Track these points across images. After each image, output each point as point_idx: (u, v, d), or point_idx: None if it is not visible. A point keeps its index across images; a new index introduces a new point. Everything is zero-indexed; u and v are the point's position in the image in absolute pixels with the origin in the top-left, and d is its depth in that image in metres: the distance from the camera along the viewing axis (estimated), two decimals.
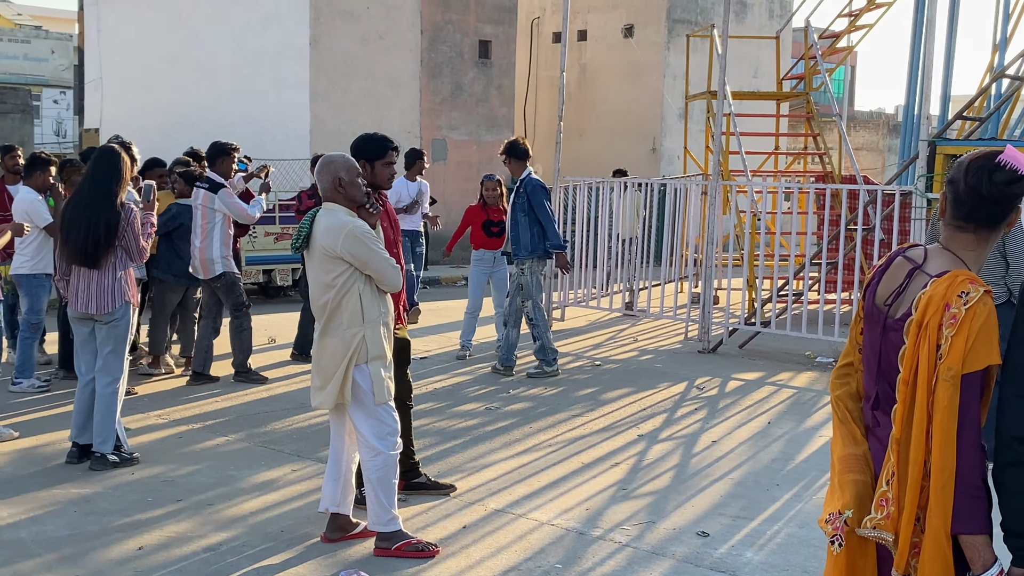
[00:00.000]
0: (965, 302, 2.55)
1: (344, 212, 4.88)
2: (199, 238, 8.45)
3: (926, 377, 2.58)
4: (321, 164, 4.97)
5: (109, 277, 6.16)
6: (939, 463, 2.53)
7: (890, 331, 2.75)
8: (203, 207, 8.42)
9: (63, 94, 30.57)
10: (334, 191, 4.91)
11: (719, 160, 11.03)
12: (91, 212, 6.09)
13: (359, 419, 4.89)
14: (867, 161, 28.63)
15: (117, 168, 6.18)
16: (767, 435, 7.45)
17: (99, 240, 6.07)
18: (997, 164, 2.63)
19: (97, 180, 6.17)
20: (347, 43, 18.00)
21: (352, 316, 4.81)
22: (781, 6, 25.83)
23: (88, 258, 6.11)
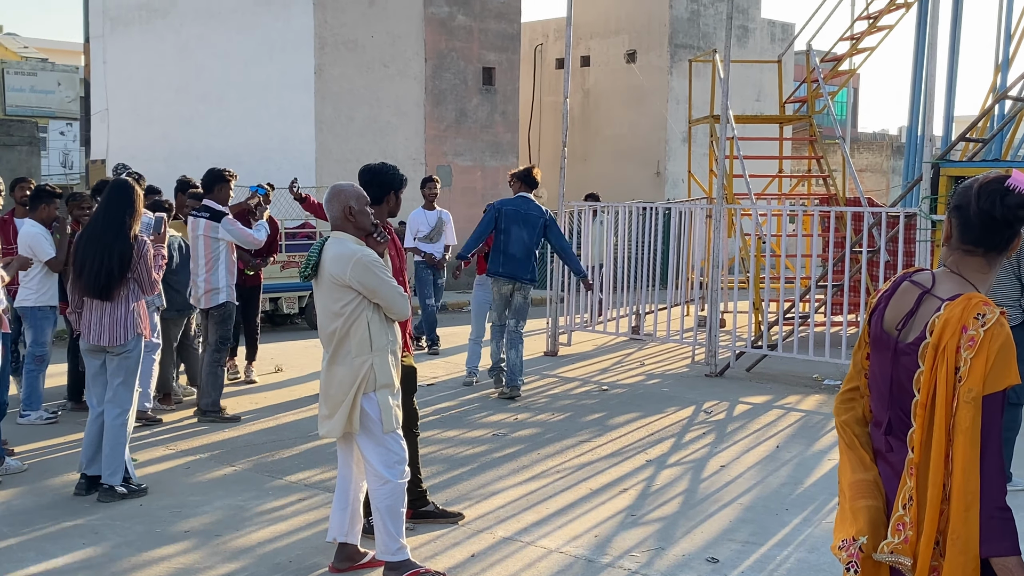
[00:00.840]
0: (983, 323, 2.55)
1: (352, 241, 4.88)
2: (203, 268, 8.30)
3: (944, 400, 2.57)
4: (331, 193, 4.97)
5: (122, 309, 6.16)
6: (962, 485, 2.50)
7: (902, 356, 2.73)
8: (205, 236, 8.27)
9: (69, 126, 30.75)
10: (344, 220, 4.91)
11: (723, 183, 11.03)
12: (104, 244, 6.09)
13: (367, 447, 4.87)
14: (871, 183, 28.64)
15: (131, 201, 6.20)
16: (776, 459, 7.40)
17: (112, 272, 6.07)
18: (1008, 188, 2.63)
19: (111, 213, 6.18)
20: (352, 72, 18.08)
21: (360, 344, 4.80)
22: (783, 30, 25.92)
23: (101, 290, 6.10)
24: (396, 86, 18.74)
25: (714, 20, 24.08)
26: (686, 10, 23.66)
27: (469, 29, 19.80)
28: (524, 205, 9.40)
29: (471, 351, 10.15)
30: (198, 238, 8.31)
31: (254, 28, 18.40)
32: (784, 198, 14.55)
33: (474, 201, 19.75)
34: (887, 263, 10.53)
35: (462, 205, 19.36)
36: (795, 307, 10.62)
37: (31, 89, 31.59)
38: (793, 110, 15.72)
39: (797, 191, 15.61)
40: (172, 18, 20.05)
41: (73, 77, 31.54)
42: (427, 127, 19.28)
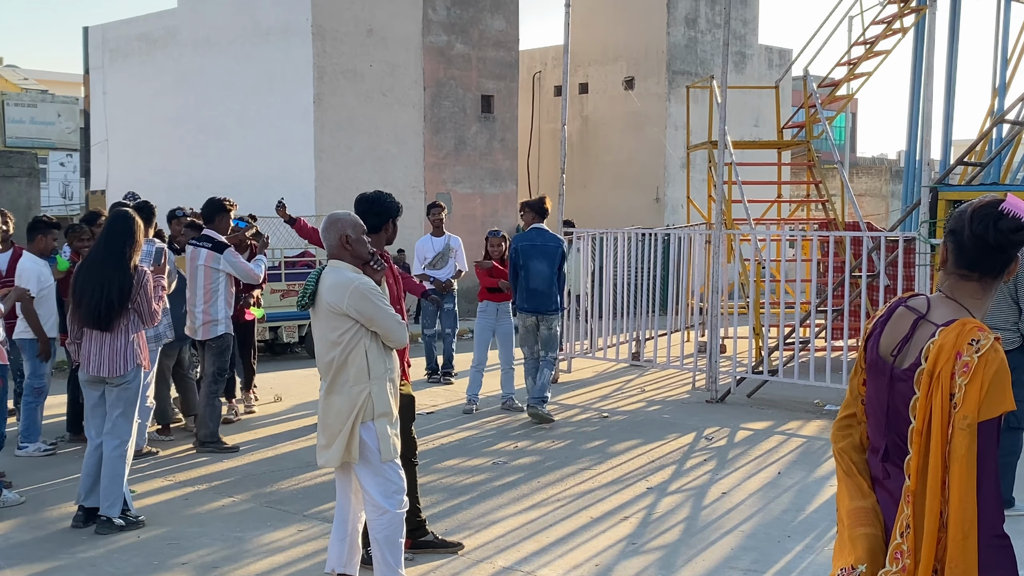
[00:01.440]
0: (976, 350, 2.54)
1: (349, 269, 4.89)
2: (202, 299, 8.27)
3: (940, 427, 2.56)
4: (328, 222, 4.98)
5: (121, 340, 6.16)
6: (959, 513, 2.49)
7: (898, 381, 2.72)
8: (206, 267, 8.24)
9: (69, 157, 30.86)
10: (340, 248, 4.92)
11: (722, 209, 11.05)
12: (104, 275, 6.09)
13: (365, 477, 4.85)
14: (870, 207, 28.69)
15: (131, 231, 6.19)
16: (777, 485, 7.37)
17: (112, 303, 6.06)
18: (1001, 212, 2.62)
19: (111, 243, 6.18)
20: (351, 101, 18.17)
21: (358, 373, 4.79)
22: (780, 56, 26.05)
23: (101, 321, 6.10)
24: (395, 114, 18.83)
25: (711, 46, 24.21)
26: (683, 37, 23.79)
27: (467, 57, 19.91)
28: (540, 237, 9.47)
29: (472, 379, 10.14)
30: (198, 268, 8.25)
31: (253, 58, 18.51)
32: (783, 223, 14.57)
33: (474, 228, 19.79)
34: (887, 287, 10.53)
35: (462, 232, 19.33)
36: (795, 332, 10.61)
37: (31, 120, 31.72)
38: (791, 135, 15.78)
39: (796, 216, 15.64)
40: (171, 49, 20.18)
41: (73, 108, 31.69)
42: (426, 155, 19.35)
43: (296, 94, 17.87)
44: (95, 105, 22.22)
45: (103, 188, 21.51)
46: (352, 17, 18.15)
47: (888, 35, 15.20)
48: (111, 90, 21.62)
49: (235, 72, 18.83)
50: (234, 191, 16.86)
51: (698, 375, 11.47)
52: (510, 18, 20.61)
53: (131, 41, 21.16)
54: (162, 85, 20.28)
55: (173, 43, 20.16)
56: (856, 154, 39.88)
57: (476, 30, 20.04)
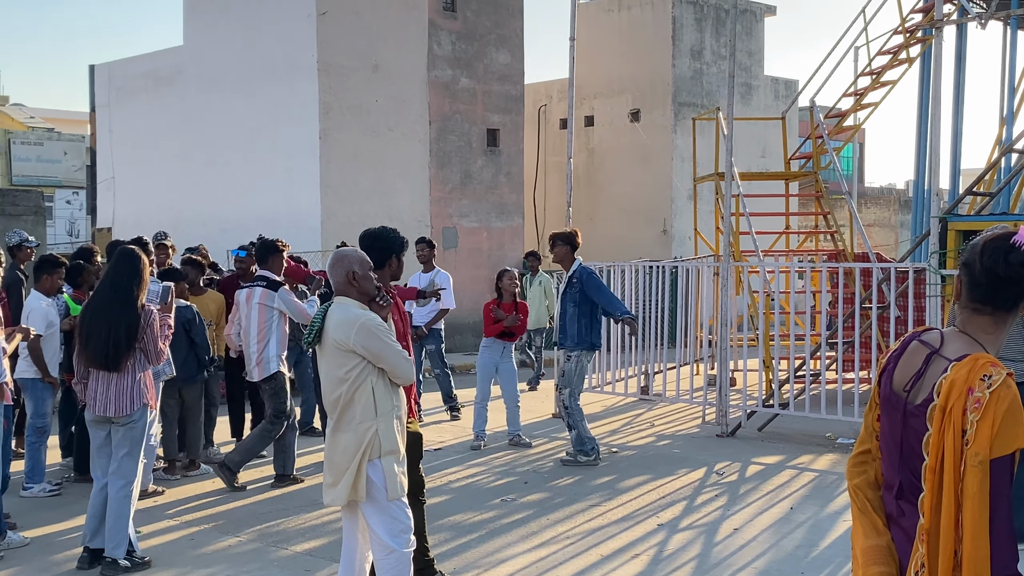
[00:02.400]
0: (988, 385, 2.51)
1: (356, 305, 4.88)
2: (256, 338, 8.20)
3: (953, 464, 2.53)
4: (334, 259, 4.99)
5: (128, 379, 6.14)
6: (971, 552, 2.46)
7: (911, 417, 2.70)
8: (261, 305, 8.18)
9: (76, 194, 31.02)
10: (347, 285, 4.92)
11: (730, 241, 11.05)
12: (111, 315, 6.07)
13: (372, 516, 4.82)
14: (880, 237, 28.68)
15: (137, 269, 6.17)
16: (790, 521, 7.32)
17: (120, 343, 6.05)
18: (1012, 245, 2.61)
19: (117, 282, 6.16)
20: (356, 136, 18.26)
21: (365, 410, 4.77)
22: (786, 87, 26.14)
23: (108, 361, 6.08)
24: (401, 149, 18.91)
25: (717, 78, 24.30)
26: (689, 68, 23.90)
27: (473, 91, 20.01)
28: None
29: (477, 414, 10.11)
30: (253, 307, 8.21)
31: (259, 95, 18.63)
32: (792, 254, 14.57)
33: (480, 262, 19.82)
34: (897, 319, 10.50)
35: (469, 266, 19.44)
36: (806, 364, 10.57)
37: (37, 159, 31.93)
38: (799, 166, 15.80)
39: (805, 247, 15.63)
40: (177, 86, 20.32)
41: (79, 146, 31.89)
42: (432, 189, 19.41)
43: (302, 130, 17.97)
44: (101, 143, 22.36)
45: (109, 225, 21.60)
46: (358, 53, 18.27)
47: (894, 65, 15.26)
48: (117, 128, 21.77)
49: (241, 109, 18.95)
50: (241, 227, 16.95)
51: (708, 409, 11.42)
52: (515, 52, 20.73)
53: (137, 79, 21.32)
54: (168, 122, 20.42)
55: (179, 80, 20.30)
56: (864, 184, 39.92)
57: (481, 64, 20.16)
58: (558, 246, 9.36)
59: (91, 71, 22.64)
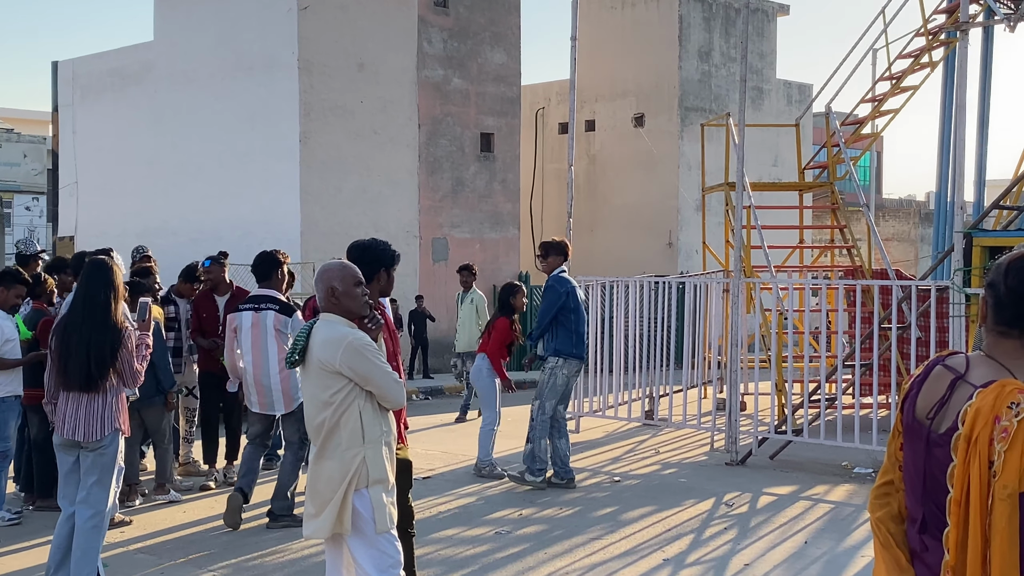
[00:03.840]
0: (1016, 414, 2.53)
1: (343, 323, 4.89)
2: (277, 369, 7.99)
3: (979, 497, 2.55)
4: (318, 273, 5.03)
5: (99, 402, 6.11)
6: None
7: (934, 447, 2.73)
8: (276, 330, 7.93)
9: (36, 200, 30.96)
10: (327, 302, 4.95)
11: (740, 255, 11.12)
12: (89, 333, 6.02)
13: (358, 549, 4.84)
14: (898, 252, 28.81)
15: (110, 281, 6.15)
16: (804, 556, 7.36)
17: (103, 362, 6.01)
18: None
19: (91, 296, 6.12)
20: (340, 139, 18.33)
21: (352, 436, 4.78)
22: (800, 92, 26.30)
23: (91, 382, 6.03)
24: (388, 154, 18.98)
25: (726, 81, 24.46)
26: (696, 71, 24.05)
27: (466, 93, 20.12)
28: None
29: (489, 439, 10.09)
30: (267, 333, 7.95)
31: (235, 94, 18.70)
32: (806, 270, 14.65)
33: None
34: (919, 340, 10.56)
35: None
36: (821, 388, 10.62)
37: None
38: (813, 176, 15.90)
39: (820, 263, 15.72)
40: (146, 84, 20.39)
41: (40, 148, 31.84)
42: (421, 197, 19.48)
43: (281, 132, 18.03)
44: (64, 145, 22.40)
45: (71, 234, 21.62)
46: (342, 50, 18.37)
47: (916, 70, 15.37)
48: (81, 129, 21.81)
49: (215, 109, 19.01)
50: (213, 237, 16.99)
51: (716, 435, 11.47)
52: (511, 51, 20.86)
53: (103, 76, 21.39)
54: (136, 123, 20.47)
55: (149, 78, 20.37)
56: (882, 196, 40.11)
57: (475, 64, 20.28)
58: (552, 257, 9.44)
59: (54, 68, 22.70)
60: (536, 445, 9.32)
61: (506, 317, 10.19)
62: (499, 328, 10.18)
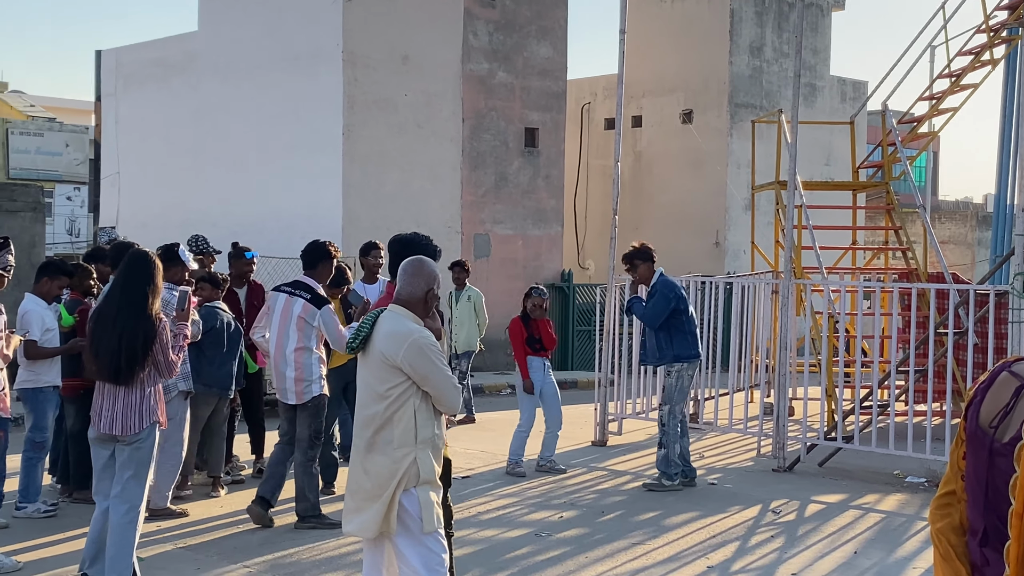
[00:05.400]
0: None
1: (411, 318, 4.87)
2: (292, 358, 7.96)
3: None
4: (415, 267, 4.97)
5: (136, 395, 6.11)
6: None
7: (997, 456, 2.68)
8: (302, 320, 7.93)
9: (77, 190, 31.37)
10: (421, 301, 4.91)
11: (791, 256, 11.01)
12: (124, 324, 6.02)
13: (407, 548, 4.78)
14: (954, 256, 28.46)
15: (150, 273, 6.16)
16: (854, 567, 7.28)
17: (135, 355, 6.01)
18: None
19: (129, 287, 6.13)
20: (383, 133, 18.37)
21: (404, 434, 4.75)
22: (854, 89, 26.04)
23: (121, 375, 6.04)
24: (431, 148, 19.00)
25: (778, 77, 24.27)
26: (747, 67, 23.87)
27: (511, 87, 20.09)
28: None
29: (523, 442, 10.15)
30: (292, 320, 7.94)
31: (278, 86, 18.79)
32: (859, 272, 14.49)
33: (515, 273, 19.84)
34: (975, 346, 10.41)
35: (501, 277, 19.47)
36: (873, 394, 10.50)
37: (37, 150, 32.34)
38: (867, 176, 15.73)
39: (873, 265, 15.55)
40: (190, 75, 20.55)
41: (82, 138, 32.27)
42: (464, 192, 19.48)
43: (324, 125, 18.10)
44: (106, 135, 22.63)
45: (113, 224, 21.85)
46: (386, 43, 18.40)
47: (976, 67, 15.16)
48: (124, 119, 22.03)
49: (258, 100, 19.12)
50: (254, 230, 17.08)
51: (763, 440, 11.37)
52: (557, 45, 20.81)
53: (147, 66, 21.58)
54: (179, 114, 20.63)
55: (192, 69, 20.53)
56: (937, 197, 39.68)
57: (520, 57, 20.25)
58: (642, 265, 9.75)
59: (97, 57, 22.94)
60: (670, 450, 9.53)
61: (517, 318, 10.35)
62: (511, 330, 10.38)
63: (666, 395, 9.64)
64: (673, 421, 9.57)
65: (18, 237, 16.52)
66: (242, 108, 19.40)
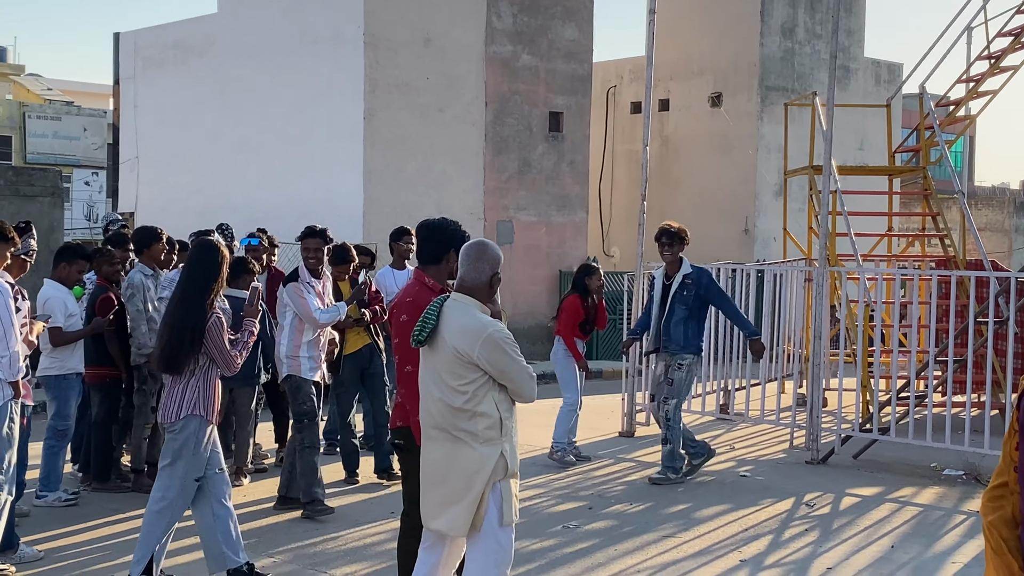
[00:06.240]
0: None
1: (478, 309, 4.80)
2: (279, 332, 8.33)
3: None
4: (478, 250, 4.90)
5: (181, 384, 6.15)
6: None
7: None
8: (279, 299, 8.32)
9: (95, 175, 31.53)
10: (486, 286, 4.86)
11: (825, 243, 10.94)
12: (176, 313, 6.13)
13: (478, 540, 4.73)
14: (991, 243, 28.26)
15: (214, 265, 6.19)
16: (890, 561, 7.23)
17: (181, 344, 6.07)
18: None
19: (191, 277, 6.22)
20: (404, 117, 18.35)
21: (490, 428, 4.70)
22: (889, 71, 25.84)
23: (169, 364, 6.12)
24: (453, 133, 18.97)
25: (810, 59, 24.10)
26: (779, 48, 23.72)
27: (535, 70, 20.02)
28: None
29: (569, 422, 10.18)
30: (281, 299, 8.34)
31: (299, 70, 18.79)
32: (895, 260, 14.39)
33: (538, 261, 19.81)
34: (1016, 336, 10.32)
35: (525, 265, 19.44)
36: (910, 385, 10.43)
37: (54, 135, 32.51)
38: (902, 161, 15.61)
39: (909, 252, 15.44)
40: (209, 58, 20.58)
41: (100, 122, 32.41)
42: (487, 178, 19.45)
43: (345, 109, 18.09)
44: (125, 119, 22.70)
45: (131, 210, 21.92)
46: (408, 25, 18.37)
47: (1016, 48, 14.99)
48: (143, 103, 22.09)
49: (279, 84, 19.13)
50: (274, 215, 17.10)
51: (796, 432, 11.31)
52: (583, 27, 20.71)
53: (166, 49, 21.63)
54: (199, 97, 20.67)
55: (212, 52, 20.55)
56: (973, 183, 39.38)
57: (545, 40, 20.17)
58: (677, 245, 9.50)
59: (115, 40, 22.99)
60: (676, 444, 9.44)
61: (578, 295, 10.16)
62: (569, 308, 10.15)
63: (675, 388, 9.38)
64: (679, 415, 9.44)
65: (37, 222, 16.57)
66: (262, 92, 19.42)
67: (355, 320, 9.10)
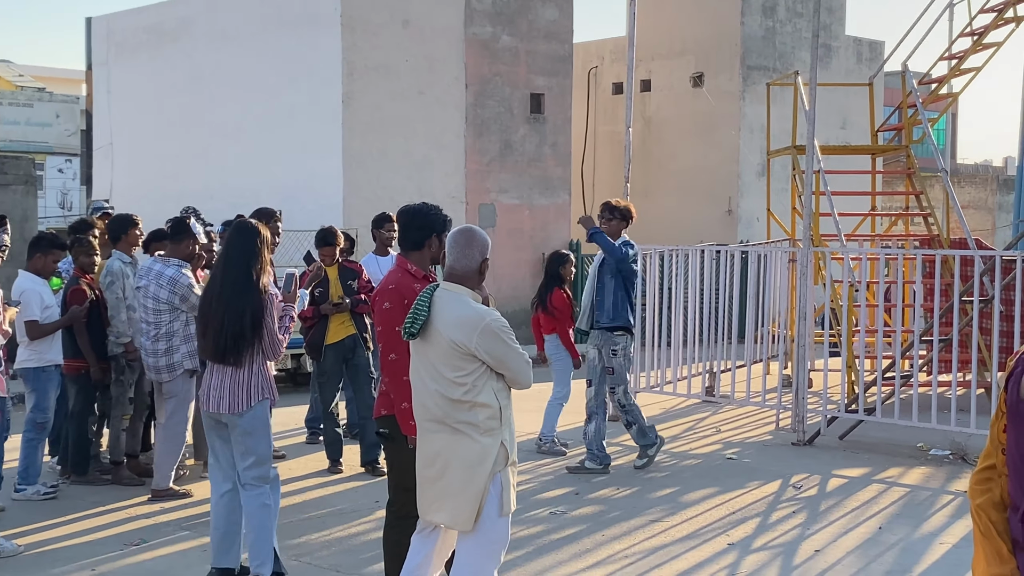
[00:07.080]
0: None
1: (471, 297, 4.76)
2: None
3: None
4: (467, 237, 4.86)
5: (244, 372, 6.00)
6: None
7: None
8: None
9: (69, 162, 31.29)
10: (476, 273, 4.82)
11: (809, 223, 10.96)
12: (231, 300, 5.89)
13: (476, 533, 4.71)
14: (974, 221, 28.34)
15: (253, 246, 6.00)
16: (878, 542, 7.28)
17: (243, 333, 5.88)
18: None
19: (232, 262, 5.99)
20: (384, 100, 18.28)
21: (490, 419, 4.68)
22: (871, 49, 25.88)
23: (228, 354, 5.93)
24: (433, 115, 18.92)
25: (792, 38, 24.12)
26: (760, 27, 23.72)
27: (515, 51, 19.97)
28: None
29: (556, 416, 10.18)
30: None
31: (275, 53, 18.70)
32: (878, 239, 14.43)
33: (522, 244, 19.80)
34: (1001, 314, 10.38)
35: (508, 248, 19.41)
36: (895, 365, 10.48)
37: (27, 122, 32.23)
38: (885, 139, 15.64)
39: (893, 231, 15.49)
40: (184, 43, 20.45)
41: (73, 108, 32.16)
42: (468, 161, 19.41)
43: (323, 92, 18.02)
44: (98, 105, 22.56)
45: (106, 197, 21.77)
46: (386, 6, 18.29)
47: (999, 25, 15.03)
48: (116, 88, 21.95)
49: (255, 68, 19.03)
50: (253, 201, 16.96)
51: (782, 413, 11.35)
52: (563, 7, 20.65)
53: (139, 34, 21.48)
54: (173, 82, 20.55)
55: (186, 36, 20.43)
56: (956, 161, 39.49)
57: (525, 21, 20.11)
58: (616, 220, 9.24)
59: (88, 24, 22.84)
60: (639, 422, 9.41)
61: (558, 287, 10.14)
62: (560, 304, 10.07)
63: (617, 376, 9.22)
64: (630, 398, 9.39)
65: (10, 211, 16.48)
66: (238, 76, 19.32)
67: (334, 305, 9.06)
